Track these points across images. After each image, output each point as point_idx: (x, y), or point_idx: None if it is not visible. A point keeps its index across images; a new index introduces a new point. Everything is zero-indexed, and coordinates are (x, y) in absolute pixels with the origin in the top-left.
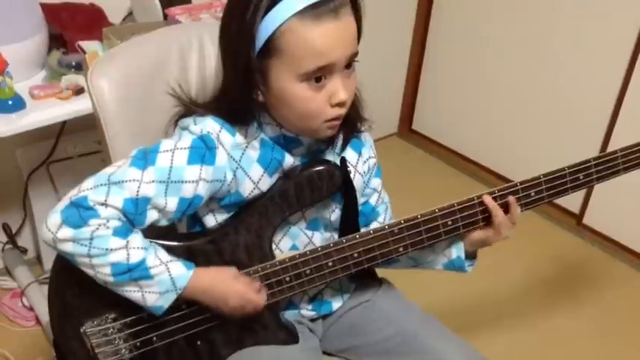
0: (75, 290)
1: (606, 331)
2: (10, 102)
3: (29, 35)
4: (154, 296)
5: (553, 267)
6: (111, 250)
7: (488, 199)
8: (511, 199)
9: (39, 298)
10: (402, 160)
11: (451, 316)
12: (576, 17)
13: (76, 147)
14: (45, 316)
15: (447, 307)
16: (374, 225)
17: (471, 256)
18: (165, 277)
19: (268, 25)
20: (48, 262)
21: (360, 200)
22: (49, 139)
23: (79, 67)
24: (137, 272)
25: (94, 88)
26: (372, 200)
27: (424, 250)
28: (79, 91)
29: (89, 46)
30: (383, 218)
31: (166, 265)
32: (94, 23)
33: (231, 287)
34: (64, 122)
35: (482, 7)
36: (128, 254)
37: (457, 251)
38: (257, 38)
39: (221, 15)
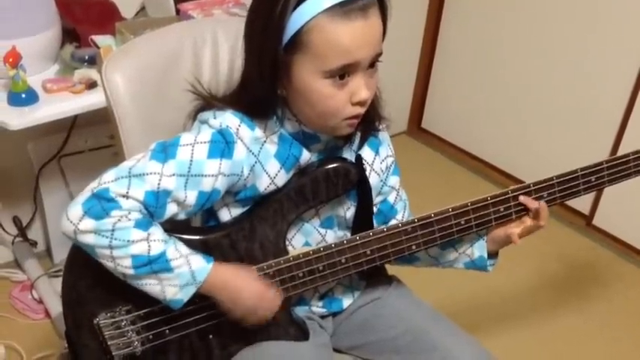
0: (88, 282)
1: (614, 332)
2: (23, 95)
3: (43, 29)
4: (173, 289)
5: (562, 267)
6: (132, 241)
7: (523, 198)
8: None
9: (48, 291)
10: (411, 158)
11: (459, 315)
12: (589, 15)
13: (87, 141)
14: (54, 309)
15: (456, 306)
16: (392, 223)
17: (492, 254)
18: (185, 270)
19: (296, 20)
20: (58, 256)
21: (378, 199)
22: (60, 132)
23: (92, 62)
24: (157, 264)
25: (109, 83)
26: (391, 198)
27: (446, 250)
28: (91, 85)
29: (102, 40)
30: (401, 216)
31: (186, 258)
32: (107, 18)
33: (249, 285)
34: (76, 116)
35: (494, 6)
36: (149, 246)
37: (479, 251)
38: (284, 32)
39: (234, 10)
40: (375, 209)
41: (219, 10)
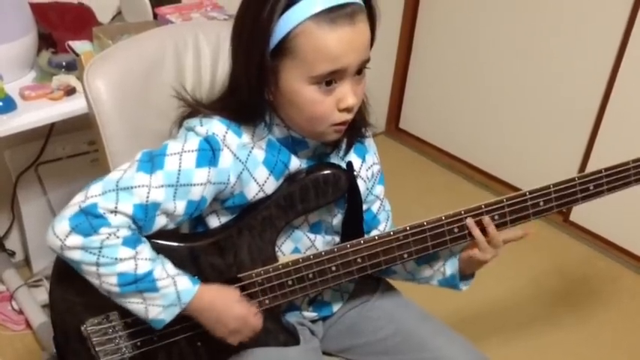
0: (77, 288)
1: (594, 326)
2: (0, 103)
3: (19, 35)
4: (157, 309)
5: (540, 263)
6: (120, 259)
7: (469, 222)
8: (485, 220)
9: (29, 301)
10: (389, 158)
11: (440, 312)
12: (563, 15)
13: (65, 148)
14: (35, 319)
15: (437, 304)
16: (374, 233)
17: (468, 275)
18: (171, 291)
19: (283, 26)
20: (37, 265)
21: (363, 207)
22: (37, 140)
23: (70, 67)
24: (143, 284)
25: (91, 89)
26: (374, 208)
27: (422, 266)
28: (70, 91)
29: (79, 46)
30: (383, 227)
31: (173, 279)
32: (83, 23)
33: (232, 308)
34: (53, 123)
35: (470, 6)
36: (136, 265)
37: (451, 269)
38: (272, 38)
39: (212, 14)
40: None
41: (198, 14)
